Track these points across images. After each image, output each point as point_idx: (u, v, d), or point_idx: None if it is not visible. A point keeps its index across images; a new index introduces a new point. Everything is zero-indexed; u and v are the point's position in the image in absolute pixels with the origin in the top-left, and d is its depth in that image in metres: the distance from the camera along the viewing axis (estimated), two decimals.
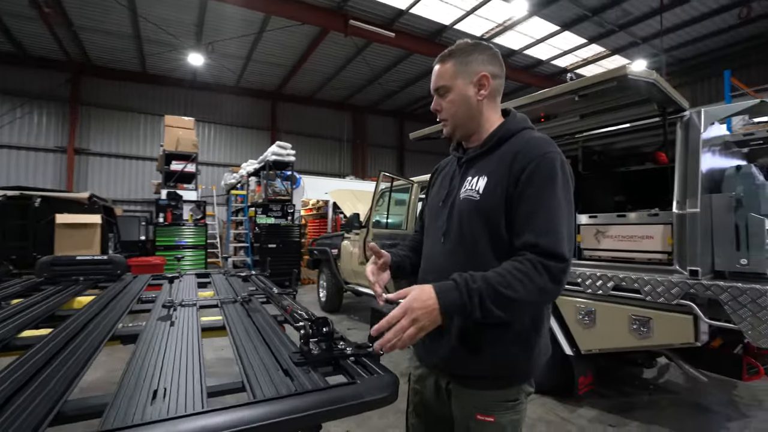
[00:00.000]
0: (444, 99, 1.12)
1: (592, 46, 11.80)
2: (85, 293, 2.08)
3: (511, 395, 1.05)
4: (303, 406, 0.78)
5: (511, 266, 0.91)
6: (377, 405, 0.85)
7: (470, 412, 1.05)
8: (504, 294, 0.87)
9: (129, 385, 0.89)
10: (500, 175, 1.02)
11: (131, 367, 1.00)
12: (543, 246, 0.92)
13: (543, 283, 0.89)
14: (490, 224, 1.02)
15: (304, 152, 16.15)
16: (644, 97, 2.40)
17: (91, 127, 13.00)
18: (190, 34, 10.96)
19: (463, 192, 1.09)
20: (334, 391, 0.85)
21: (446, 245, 1.10)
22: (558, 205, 0.96)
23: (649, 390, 3.36)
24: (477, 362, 1.02)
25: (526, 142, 1.04)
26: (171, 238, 7.84)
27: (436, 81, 1.13)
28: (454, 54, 1.10)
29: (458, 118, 1.12)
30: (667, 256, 2.51)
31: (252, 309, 1.66)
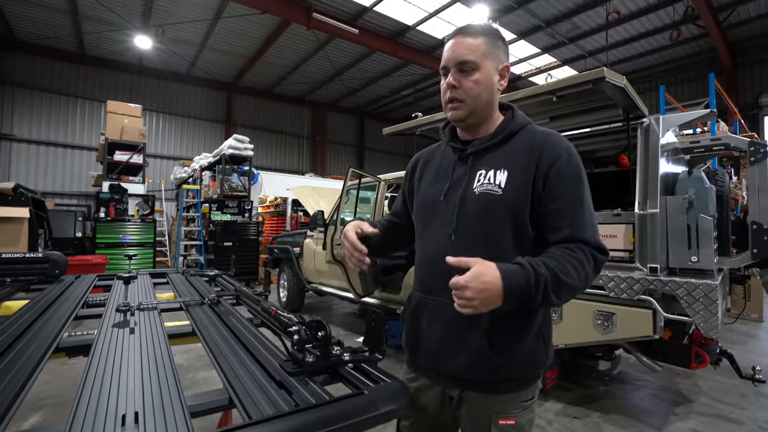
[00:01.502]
0: (467, 77, 0.99)
1: (545, 56, 12.47)
2: (14, 297, 1.78)
3: (529, 394, 1.03)
4: (310, 424, 0.68)
5: (566, 253, 0.90)
6: (392, 416, 0.77)
7: (489, 419, 0.99)
8: (563, 281, 0.86)
9: (88, 408, 0.73)
10: (522, 169, 0.98)
11: (87, 384, 0.83)
12: (589, 240, 0.92)
13: (590, 272, 0.90)
14: (515, 220, 0.97)
15: (262, 147, 15.56)
16: (610, 102, 2.51)
17: (14, 109, 11.55)
18: (137, 14, 10.10)
19: (479, 186, 1.01)
20: (344, 404, 0.75)
21: (458, 243, 1.01)
22: (590, 201, 0.97)
23: (605, 381, 3.55)
24: (503, 366, 0.97)
25: (546, 136, 1.02)
26: (114, 235, 7.14)
27: (463, 53, 0.99)
28: (484, 32, 1.01)
29: (479, 102, 1.01)
30: (629, 254, 2.64)
31: (223, 312, 1.50)
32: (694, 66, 12.73)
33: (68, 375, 3.37)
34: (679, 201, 2.55)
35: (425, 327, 1.05)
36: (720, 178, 3.27)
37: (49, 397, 2.97)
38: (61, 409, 2.75)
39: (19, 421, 2.57)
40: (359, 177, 4.77)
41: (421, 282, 1.10)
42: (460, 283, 0.83)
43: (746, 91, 11.99)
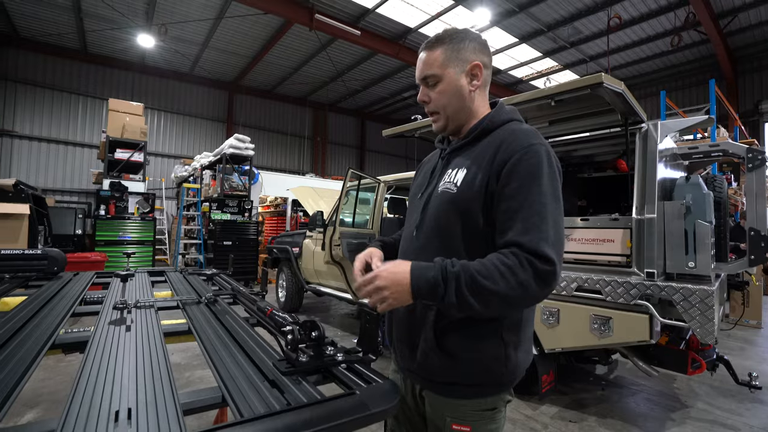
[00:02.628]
0: (433, 89, 1.03)
1: (546, 59, 12.49)
2: (12, 293, 1.79)
3: (489, 404, 0.98)
4: (301, 423, 0.68)
5: (495, 257, 0.85)
6: (383, 416, 0.77)
7: (445, 421, 0.98)
8: (482, 284, 0.81)
9: (82, 405, 0.74)
10: (479, 168, 0.96)
11: (82, 381, 0.84)
12: (526, 246, 0.84)
13: (526, 280, 0.82)
14: (466, 218, 0.95)
15: (263, 147, 15.59)
16: (608, 107, 2.52)
17: (17, 105, 11.57)
18: (140, 13, 10.13)
19: (442, 185, 1.03)
20: (335, 403, 0.75)
21: (418, 240, 1.04)
22: (543, 202, 0.88)
23: (602, 386, 3.55)
24: (451, 368, 0.95)
25: (510, 134, 0.98)
26: (114, 232, 7.15)
27: (424, 69, 1.03)
28: (443, 40, 1.02)
29: (450, 110, 1.04)
30: (626, 258, 2.65)
31: (219, 311, 1.51)
32: (694, 72, 12.76)
33: (65, 371, 3.38)
34: (677, 206, 2.55)
35: (395, 322, 1.09)
36: (718, 184, 3.27)
37: (46, 393, 2.98)
38: (57, 405, 2.76)
39: (15, 417, 2.57)
40: (359, 178, 4.78)
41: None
42: (373, 272, 0.87)
43: (747, 98, 12.01)
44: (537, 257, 0.83)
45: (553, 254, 0.84)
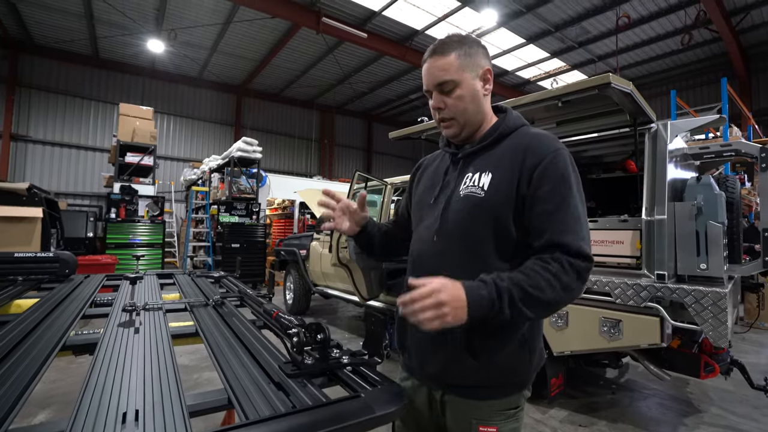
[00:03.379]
0: (449, 95, 1.01)
1: (554, 60, 12.40)
2: (25, 296, 1.82)
3: (513, 403, 1.01)
4: (306, 425, 0.68)
5: (538, 266, 0.87)
6: (388, 419, 0.77)
7: (471, 424, 0.99)
8: (533, 295, 0.84)
9: (90, 406, 0.75)
10: (507, 171, 0.97)
11: (91, 382, 0.85)
12: (568, 245, 0.88)
13: (570, 283, 0.86)
14: (496, 222, 0.96)
15: (271, 150, 15.71)
16: (617, 107, 2.49)
17: (31, 111, 11.83)
18: (150, 19, 10.30)
19: (464, 188, 1.02)
20: (340, 406, 0.75)
21: (439, 245, 1.03)
22: (576, 204, 0.92)
23: (612, 389, 3.50)
24: (480, 371, 0.96)
25: (534, 138, 1.00)
26: (124, 235, 7.26)
27: (440, 75, 1.00)
28: (454, 45, 1.01)
29: (468, 116, 1.03)
30: (636, 260, 2.61)
31: (226, 313, 1.52)
32: (706, 70, 12.56)
33: (77, 373, 3.43)
34: (688, 207, 2.51)
35: (410, 327, 1.06)
36: (731, 185, 3.21)
37: (58, 394, 3.03)
38: (69, 406, 2.80)
39: (28, 418, 2.62)
40: (365, 180, 4.78)
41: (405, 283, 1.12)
42: (434, 285, 0.79)
43: (761, 96, 11.79)
44: (578, 257, 0.88)
45: (590, 251, 0.90)
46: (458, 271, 0.98)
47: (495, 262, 0.96)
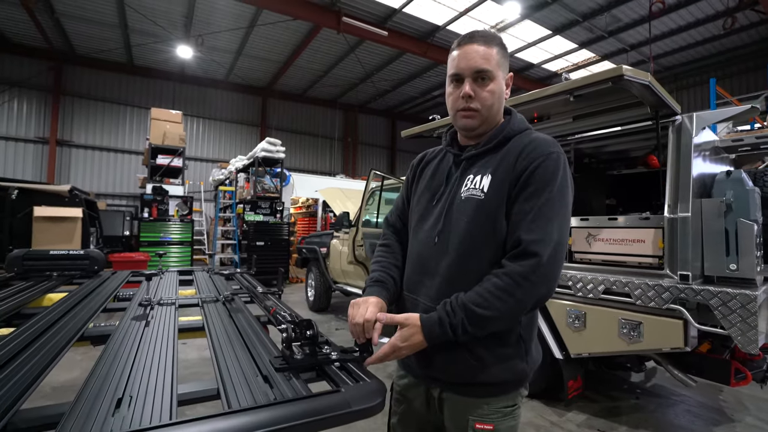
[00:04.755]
0: (483, 86, 1.00)
1: (582, 51, 11.93)
2: (57, 290, 1.97)
3: (510, 401, 1.02)
4: (283, 417, 0.71)
5: (489, 284, 0.92)
6: (365, 415, 0.79)
7: (467, 422, 1.00)
8: (483, 315, 0.89)
9: (91, 392, 0.81)
10: (503, 173, 0.99)
11: (96, 371, 0.92)
12: (524, 244, 0.90)
13: (523, 296, 0.90)
14: (493, 224, 0.98)
15: (295, 149, 16.00)
16: (637, 100, 2.38)
17: (74, 118, 12.63)
18: (179, 26, 10.73)
19: (465, 191, 1.03)
20: (318, 400, 0.78)
21: (441, 246, 1.04)
22: (551, 205, 0.93)
23: (636, 394, 3.36)
24: (477, 369, 0.98)
25: (531, 141, 1.01)
26: (156, 233, 7.64)
27: (481, 63, 0.98)
28: (496, 41, 1.02)
29: (492, 112, 1.03)
30: (658, 260, 2.50)
31: (234, 309, 1.58)
32: (751, 56, 11.72)
33: None
34: (716, 204, 2.38)
35: None
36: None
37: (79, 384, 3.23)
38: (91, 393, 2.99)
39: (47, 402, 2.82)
40: (382, 179, 4.81)
41: (405, 281, 1.14)
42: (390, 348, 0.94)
43: None
44: (530, 256, 0.89)
45: (547, 252, 0.89)
46: (458, 274, 1.00)
47: (485, 266, 0.97)
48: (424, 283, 1.05)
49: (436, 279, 1.03)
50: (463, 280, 0.97)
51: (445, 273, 1.01)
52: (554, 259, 0.91)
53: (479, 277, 0.95)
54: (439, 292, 1.00)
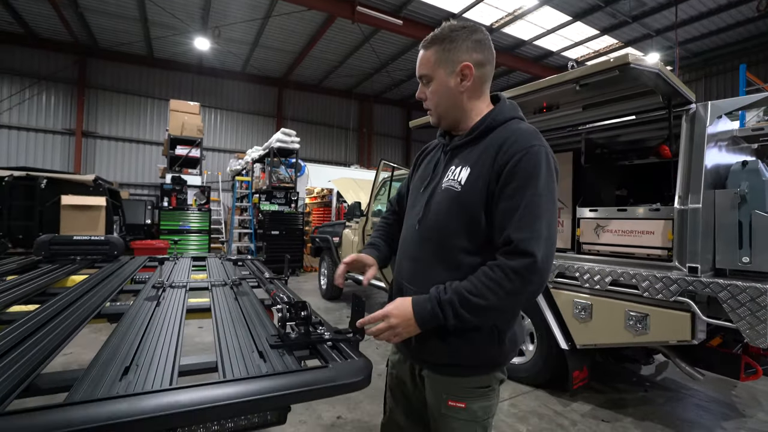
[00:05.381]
0: (427, 88, 1.08)
1: (605, 37, 11.52)
2: (79, 272, 2.10)
3: (483, 382, 1.05)
4: (272, 387, 0.78)
5: (483, 274, 0.93)
6: (349, 389, 0.84)
7: (442, 398, 1.05)
8: (474, 302, 0.91)
9: (103, 360, 0.90)
10: (482, 167, 1.00)
11: (109, 343, 1.01)
12: (516, 242, 0.91)
13: (513, 288, 0.90)
14: (469, 217, 1.00)
15: (310, 140, 16.12)
16: (649, 88, 2.33)
17: (98, 110, 13.04)
18: (196, 18, 10.87)
19: (445, 181, 1.06)
20: (306, 374, 0.84)
21: (420, 232, 1.09)
22: (538, 202, 0.93)
23: (645, 387, 3.34)
24: (446, 351, 1.02)
25: (511, 134, 1.01)
26: (175, 222, 7.90)
27: (419, 68, 1.08)
28: (437, 40, 1.04)
29: (441, 109, 1.09)
30: (667, 252, 2.46)
31: (240, 292, 1.66)
32: None
33: None
34: (730, 195, 2.32)
35: None
36: None
37: None
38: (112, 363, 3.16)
39: None
40: (392, 169, 4.83)
41: (396, 262, 1.19)
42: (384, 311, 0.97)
43: None
44: (523, 255, 0.90)
45: (539, 251, 0.90)
46: (433, 260, 1.05)
47: (465, 256, 1.00)
48: (404, 266, 1.12)
49: (413, 263, 1.09)
50: (437, 267, 1.01)
51: (422, 258, 1.07)
52: (547, 257, 0.91)
53: (454, 266, 0.99)
54: (414, 275, 1.07)
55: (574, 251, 2.99)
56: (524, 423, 2.68)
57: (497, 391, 1.09)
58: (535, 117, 2.96)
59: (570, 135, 3.12)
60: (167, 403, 0.69)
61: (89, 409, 0.65)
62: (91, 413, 0.64)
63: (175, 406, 0.69)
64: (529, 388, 3.18)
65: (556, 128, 3.09)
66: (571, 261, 2.86)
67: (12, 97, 11.99)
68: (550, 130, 3.11)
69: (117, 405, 0.67)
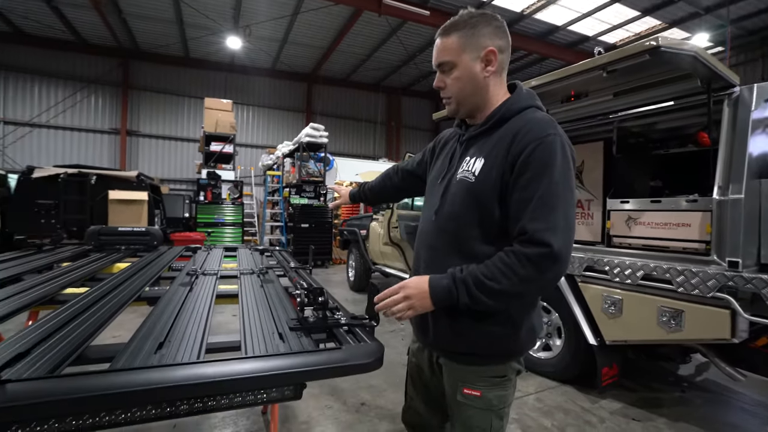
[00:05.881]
0: (448, 75, 1.06)
1: (647, 18, 10.83)
2: (123, 260, 2.28)
3: (499, 371, 1.06)
4: (288, 365, 0.84)
5: (498, 258, 0.93)
6: (360, 370, 0.89)
7: (458, 386, 1.06)
8: (488, 285, 0.91)
9: (141, 336, 1.00)
10: (496, 158, 0.99)
11: (147, 322, 1.11)
12: (530, 233, 0.90)
13: (526, 275, 0.89)
14: (482, 208, 1.00)
15: (339, 134, 16.30)
16: (685, 72, 2.20)
17: (140, 109, 13.81)
18: (228, 18, 11.22)
19: (460, 172, 1.07)
20: (320, 354, 0.90)
21: (437, 223, 1.10)
22: (554, 192, 0.92)
23: (682, 387, 3.19)
24: (462, 339, 1.03)
25: (525, 124, 0.99)
26: (211, 215, 8.28)
27: (439, 56, 1.06)
28: (458, 26, 1.03)
29: (463, 96, 1.07)
30: (705, 245, 2.34)
31: (266, 280, 1.75)
32: None
33: None
34: None
35: None
36: None
37: None
38: None
39: None
40: None
41: (414, 252, 1.22)
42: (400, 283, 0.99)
43: None
44: (537, 244, 0.89)
45: (555, 241, 0.88)
46: (449, 250, 1.06)
47: (480, 246, 1.01)
48: (422, 256, 1.14)
49: (430, 251, 1.11)
50: (452, 258, 1.02)
51: (439, 247, 1.08)
52: (564, 247, 0.89)
53: (470, 256, 0.99)
54: (431, 262, 1.08)
55: (603, 244, 2.89)
56: (549, 418, 2.65)
57: (514, 382, 1.09)
58: (563, 106, 2.87)
59: (600, 124, 3.00)
60: (194, 374, 0.77)
61: (128, 376, 0.74)
62: (130, 379, 0.73)
63: (201, 377, 0.76)
64: (556, 383, 3.13)
65: (585, 117, 2.98)
66: (601, 254, 2.77)
67: (65, 100, 12.93)
68: (579, 119, 3.00)
69: (151, 374, 0.76)
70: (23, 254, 2.26)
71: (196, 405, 0.77)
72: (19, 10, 10.84)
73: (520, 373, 1.12)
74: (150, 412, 0.74)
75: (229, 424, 2.38)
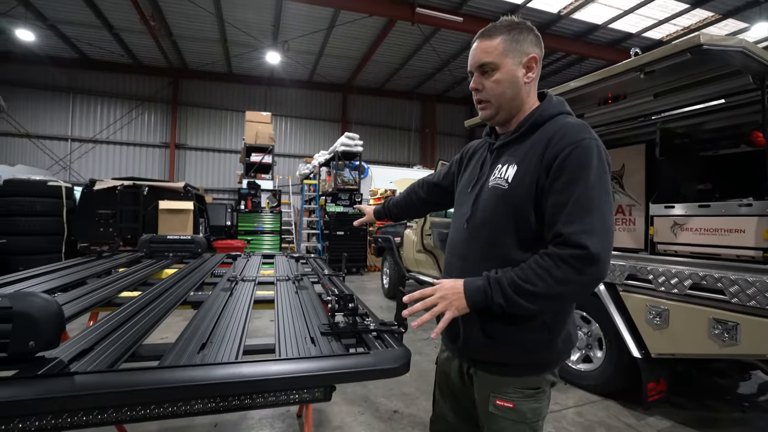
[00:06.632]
0: (488, 78, 1.04)
1: (697, 11, 10.17)
2: (171, 266, 2.46)
3: (532, 383, 1.03)
4: (318, 367, 0.89)
5: (533, 260, 0.92)
6: (387, 375, 0.92)
7: (490, 397, 1.05)
8: (523, 287, 0.90)
9: (186, 337, 1.09)
10: (530, 164, 0.99)
11: (191, 325, 1.21)
12: (566, 236, 0.89)
13: (563, 277, 0.88)
14: (517, 215, 0.99)
15: (373, 142, 16.53)
16: (734, 69, 2.06)
17: (188, 124, 14.78)
18: (268, 34, 11.79)
19: (492, 180, 1.06)
20: (349, 358, 0.94)
21: (469, 232, 1.10)
22: (590, 195, 0.90)
23: (742, 407, 2.94)
24: (495, 349, 1.02)
25: (560, 129, 0.99)
26: (251, 223, 8.66)
27: (481, 57, 1.04)
28: (502, 30, 1.03)
29: (503, 100, 1.05)
30: (762, 252, 2.16)
31: (301, 287, 1.83)
32: None
33: None
34: None
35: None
36: None
37: None
38: None
39: None
40: None
41: (445, 263, 1.22)
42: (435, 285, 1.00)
43: None
44: (577, 247, 0.87)
45: (593, 245, 0.87)
46: (481, 259, 1.05)
47: (515, 253, 1.00)
48: (454, 265, 1.13)
49: (462, 261, 1.10)
50: (486, 266, 1.00)
51: (470, 257, 1.08)
52: (602, 250, 0.87)
53: (504, 263, 0.98)
54: (463, 272, 1.05)
55: (647, 251, 2.74)
56: None
57: (548, 394, 1.07)
58: (599, 109, 2.77)
59: (641, 126, 2.86)
60: (232, 373, 0.84)
61: (174, 373, 0.82)
62: (176, 376, 0.81)
63: (238, 376, 0.83)
64: (598, 397, 2.98)
65: (624, 119, 2.85)
66: (644, 262, 2.63)
67: (123, 117, 14.10)
68: (618, 122, 2.88)
69: (195, 371, 0.83)
70: (86, 260, 2.50)
71: (234, 402, 0.84)
72: (86, 38, 12.00)
73: (555, 384, 1.09)
74: (193, 406, 0.81)
75: (265, 425, 2.48)
